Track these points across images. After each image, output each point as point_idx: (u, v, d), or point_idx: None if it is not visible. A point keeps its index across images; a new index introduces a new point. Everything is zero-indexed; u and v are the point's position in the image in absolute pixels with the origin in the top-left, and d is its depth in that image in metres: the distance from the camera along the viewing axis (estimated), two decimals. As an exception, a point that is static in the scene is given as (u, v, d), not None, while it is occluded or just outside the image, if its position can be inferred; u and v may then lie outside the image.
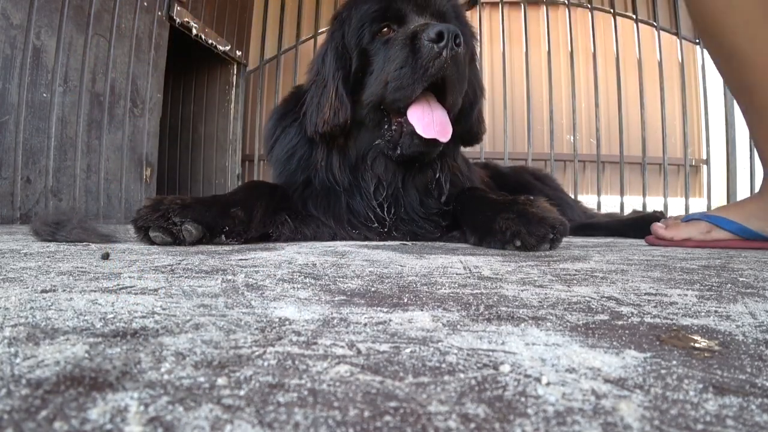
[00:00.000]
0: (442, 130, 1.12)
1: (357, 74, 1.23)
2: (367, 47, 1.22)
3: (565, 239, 1.52)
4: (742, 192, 3.58)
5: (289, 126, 1.37)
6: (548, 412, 0.21)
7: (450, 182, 1.32)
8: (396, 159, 1.22)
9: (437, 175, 1.30)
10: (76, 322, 0.34)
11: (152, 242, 0.92)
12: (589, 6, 3.90)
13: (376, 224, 1.25)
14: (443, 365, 0.27)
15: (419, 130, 1.11)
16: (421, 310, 0.40)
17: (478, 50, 1.48)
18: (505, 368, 0.27)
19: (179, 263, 0.66)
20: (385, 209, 1.26)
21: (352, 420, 0.20)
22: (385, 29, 1.21)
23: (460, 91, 1.17)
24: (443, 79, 1.10)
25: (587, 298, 0.47)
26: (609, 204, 3.64)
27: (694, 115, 3.83)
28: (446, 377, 0.25)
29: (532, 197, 1.09)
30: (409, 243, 1.17)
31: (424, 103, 1.14)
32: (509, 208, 1.04)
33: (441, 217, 1.30)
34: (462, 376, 0.25)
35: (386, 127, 1.21)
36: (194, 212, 0.93)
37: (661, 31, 3.68)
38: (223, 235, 0.98)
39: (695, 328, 0.36)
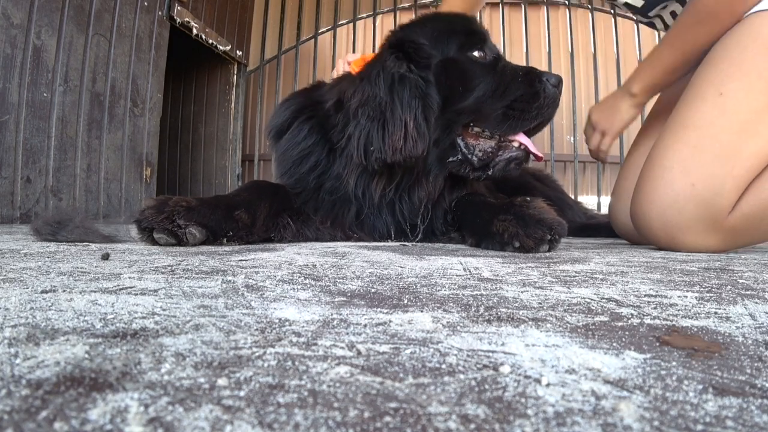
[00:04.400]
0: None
1: (442, 86, 1.17)
2: (456, 57, 1.18)
3: (565, 240, 1.53)
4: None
5: (305, 122, 1.28)
6: (548, 413, 0.21)
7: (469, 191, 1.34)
8: (464, 176, 1.21)
9: (463, 192, 1.31)
10: (76, 322, 0.34)
11: (155, 243, 0.91)
12: (590, 7, 3.90)
13: (399, 242, 1.23)
14: (443, 366, 0.27)
15: (534, 150, 1.21)
16: (421, 312, 0.40)
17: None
18: (505, 369, 0.27)
19: (179, 264, 0.66)
20: (418, 227, 1.24)
21: (352, 421, 0.20)
22: (477, 48, 1.19)
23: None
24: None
25: (587, 300, 0.47)
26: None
27: (694, 116, 3.81)
28: (446, 378, 0.25)
29: (528, 198, 1.09)
30: (409, 244, 1.17)
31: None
32: (506, 211, 1.03)
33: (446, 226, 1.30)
34: (462, 377, 0.25)
35: (462, 147, 1.18)
36: (199, 215, 0.93)
37: (661, 33, 3.68)
38: (225, 239, 0.98)
39: (695, 329, 0.36)
